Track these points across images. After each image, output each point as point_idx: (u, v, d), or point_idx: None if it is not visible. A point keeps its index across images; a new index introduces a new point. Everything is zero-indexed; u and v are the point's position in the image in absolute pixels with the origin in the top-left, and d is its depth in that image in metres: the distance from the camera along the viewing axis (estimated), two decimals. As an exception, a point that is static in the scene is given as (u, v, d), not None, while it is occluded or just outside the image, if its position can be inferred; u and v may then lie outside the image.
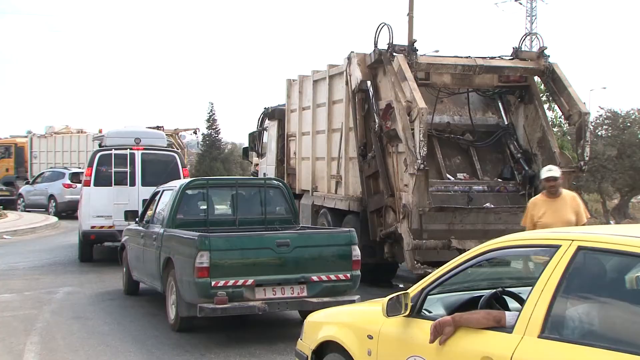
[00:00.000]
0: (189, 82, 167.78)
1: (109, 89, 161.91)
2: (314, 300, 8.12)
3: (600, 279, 3.65)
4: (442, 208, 10.54)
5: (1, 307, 10.18)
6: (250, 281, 7.92)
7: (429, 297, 4.34)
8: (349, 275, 8.38)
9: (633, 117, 21.45)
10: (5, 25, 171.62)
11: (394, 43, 11.10)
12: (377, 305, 4.59)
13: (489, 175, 11.76)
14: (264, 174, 16.99)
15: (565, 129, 20.51)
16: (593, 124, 20.66)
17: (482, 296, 4.28)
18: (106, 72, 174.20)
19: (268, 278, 8.06)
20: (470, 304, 4.30)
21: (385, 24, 11.35)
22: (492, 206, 10.90)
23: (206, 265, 7.76)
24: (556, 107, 14.49)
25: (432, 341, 3.98)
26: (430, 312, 4.33)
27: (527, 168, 11.58)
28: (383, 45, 11.21)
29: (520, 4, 56.51)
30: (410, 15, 25.27)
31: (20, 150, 34.60)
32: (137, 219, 10.92)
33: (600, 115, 21.97)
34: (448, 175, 11.49)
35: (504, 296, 4.29)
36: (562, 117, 14.18)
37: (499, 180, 11.64)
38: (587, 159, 10.94)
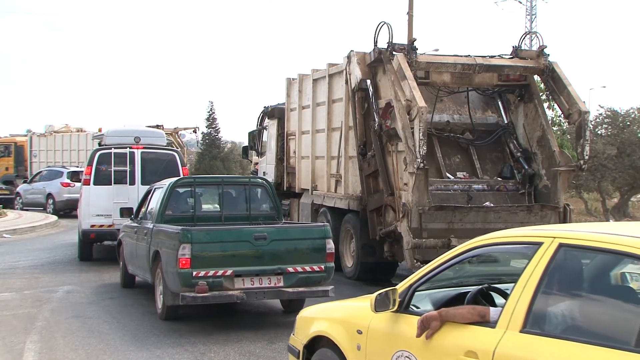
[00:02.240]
0: (189, 80, 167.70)
1: (109, 88, 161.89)
2: (290, 290, 8.67)
3: (581, 275, 3.73)
4: (442, 207, 10.54)
5: (1, 306, 10.17)
6: (229, 272, 8.43)
7: (418, 293, 4.42)
8: (323, 267, 8.89)
9: (633, 115, 21.43)
10: (5, 24, 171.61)
11: (393, 42, 11.09)
12: (367, 301, 4.66)
13: (488, 174, 11.77)
14: (264, 172, 17.00)
15: (565, 127, 20.50)
16: (593, 122, 20.64)
17: (469, 292, 4.35)
18: (106, 71, 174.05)
19: (246, 269, 8.58)
20: (457, 300, 4.39)
21: (385, 22, 11.35)
22: (492, 205, 10.91)
23: (188, 256, 8.29)
24: (556, 106, 14.48)
25: (418, 335, 4.05)
26: (418, 307, 4.41)
27: (526, 167, 11.59)
28: (383, 44, 11.20)
29: (520, 2, 56.55)
30: (410, 14, 25.28)
31: (20, 149, 34.60)
32: (132, 216, 11.40)
33: (600, 114, 21.96)
34: (448, 174, 11.50)
35: (491, 292, 4.36)
36: (562, 116, 14.18)
37: (499, 179, 11.66)
38: (586, 157, 10.95)
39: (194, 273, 8.26)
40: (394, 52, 10.92)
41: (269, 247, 8.66)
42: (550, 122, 13.43)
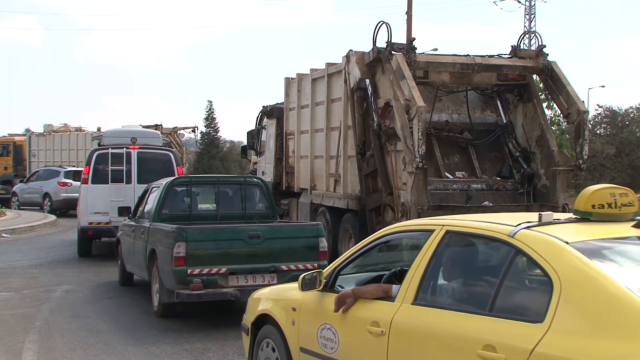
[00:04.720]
0: (188, 80, 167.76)
1: (109, 88, 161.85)
2: None
3: (460, 256, 4.47)
4: (441, 206, 10.53)
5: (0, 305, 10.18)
6: (223, 270, 8.57)
7: (347, 276, 5.12)
8: (316, 264, 8.91)
9: (631, 115, 21.48)
10: (4, 24, 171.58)
11: (392, 41, 11.09)
12: None
13: (487, 173, 11.77)
14: (263, 172, 17.01)
15: (564, 127, 20.55)
16: (592, 122, 20.70)
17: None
18: (106, 71, 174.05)
19: (240, 267, 8.72)
20: (377, 281, 5.05)
21: (384, 22, 11.35)
22: (491, 205, 10.90)
23: (183, 254, 8.43)
24: (555, 105, 14.51)
25: (336, 310, 4.70)
26: (343, 287, 4.98)
27: (525, 166, 11.59)
28: (382, 43, 11.21)
29: (519, 2, 56.59)
30: (409, 13, 25.28)
31: (19, 148, 34.62)
32: (130, 215, 11.54)
33: (598, 114, 22.04)
34: (447, 174, 11.50)
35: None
36: (561, 115, 14.19)
37: (498, 178, 11.65)
38: (585, 157, 10.96)
39: (189, 271, 8.41)
40: (392, 52, 10.92)
41: (263, 246, 8.80)
42: (549, 121, 13.45)
